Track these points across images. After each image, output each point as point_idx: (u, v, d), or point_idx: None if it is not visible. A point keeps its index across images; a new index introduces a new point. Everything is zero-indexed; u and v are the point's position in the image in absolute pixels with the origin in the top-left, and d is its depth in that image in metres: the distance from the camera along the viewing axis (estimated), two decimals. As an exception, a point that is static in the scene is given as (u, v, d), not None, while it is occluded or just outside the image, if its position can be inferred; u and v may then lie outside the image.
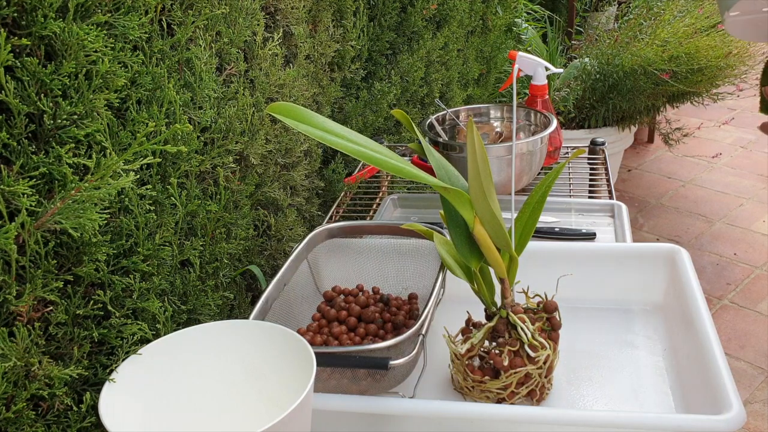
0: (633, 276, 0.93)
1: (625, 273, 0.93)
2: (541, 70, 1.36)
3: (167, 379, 0.68)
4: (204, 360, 0.70)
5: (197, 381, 0.70)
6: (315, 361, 0.63)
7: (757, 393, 1.83)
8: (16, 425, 0.59)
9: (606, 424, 0.66)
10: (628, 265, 0.93)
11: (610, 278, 0.93)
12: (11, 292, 0.58)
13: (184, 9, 0.82)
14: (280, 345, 0.68)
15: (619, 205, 1.19)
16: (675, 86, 2.39)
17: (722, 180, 2.95)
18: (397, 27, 1.52)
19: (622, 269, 0.93)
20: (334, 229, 0.95)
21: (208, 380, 0.70)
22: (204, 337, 0.70)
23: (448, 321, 0.82)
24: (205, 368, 0.70)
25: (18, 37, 0.58)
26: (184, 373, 0.69)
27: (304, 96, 1.15)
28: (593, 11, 3.40)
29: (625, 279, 0.93)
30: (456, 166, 0.80)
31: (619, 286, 0.93)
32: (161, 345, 0.69)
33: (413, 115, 1.68)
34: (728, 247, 2.48)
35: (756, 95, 2.69)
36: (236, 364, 0.70)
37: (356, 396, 0.73)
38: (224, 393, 0.70)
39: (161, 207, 0.79)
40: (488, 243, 0.72)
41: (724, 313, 2.14)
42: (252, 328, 0.70)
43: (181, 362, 0.69)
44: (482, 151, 0.67)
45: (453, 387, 0.82)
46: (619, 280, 0.93)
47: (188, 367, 0.70)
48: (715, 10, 2.46)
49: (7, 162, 0.58)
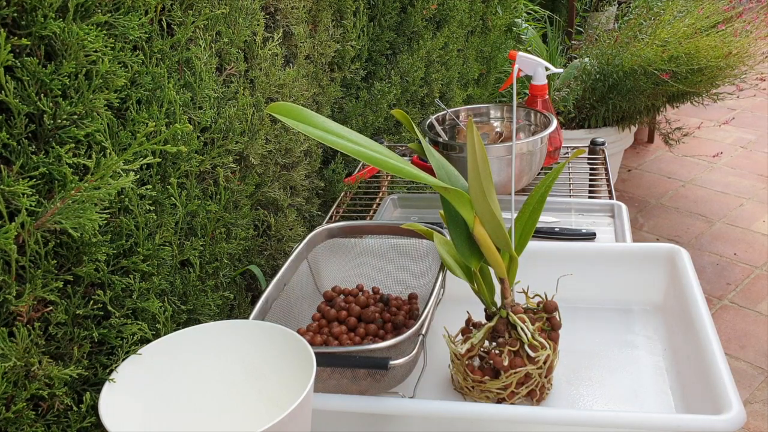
0: (633, 276, 0.93)
1: (625, 273, 0.93)
2: (541, 70, 1.36)
3: (167, 379, 0.68)
4: (204, 360, 0.70)
5: (197, 381, 0.70)
6: (315, 361, 0.63)
7: (757, 393, 1.83)
8: (16, 425, 0.59)
9: (606, 424, 0.66)
10: (628, 265, 0.93)
11: (610, 278, 0.93)
12: (11, 292, 0.58)
13: (184, 9, 0.82)
14: (280, 345, 0.68)
15: (619, 205, 1.19)
16: (675, 86, 2.39)
17: (722, 180, 2.95)
18: (397, 27, 1.52)
19: (622, 269, 0.93)
20: (334, 229, 0.95)
21: (208, 380, 0.70)
22: (204, 337, 0.70)
23: (448, 321, 0.82)
24: (205, 368, 0.70)
25: (18, 37, 0.58)
26: (184, 373, 0.69)
27: (304, 96, 1.15)
28: (593, 11, 3.40)
29: (625, 279, 0.93)
30: (456, 166, 0.80)
31: (619, 286, 0.93)
32: (161, 345, 0.69)
33: (413, 115, 1.68)
34: (728, 247, 2.48)
35: (756, 95, 2.69)
36: (236, 364, 0.70)
37: (356, 396, 0.73)
38: (224, 393, 0.70)
39: (161, 207, 0.79)
40: (488, 243, 0.72)
41: (724, 313, 2.14)
42: (252, 328, 0.70)
43: (181, 362, 0.69)
44: (482, 151, 0.67)
45: (453, 387, 0.82)
46: (619, 280, 0.93)
47: (188, 367, 0.70)
48: (715, 10, 2.46)
49: (7, 162, 0.58)
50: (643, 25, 2.53)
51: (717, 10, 2.47)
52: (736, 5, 2.57)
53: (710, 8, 2.47)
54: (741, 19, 2.50)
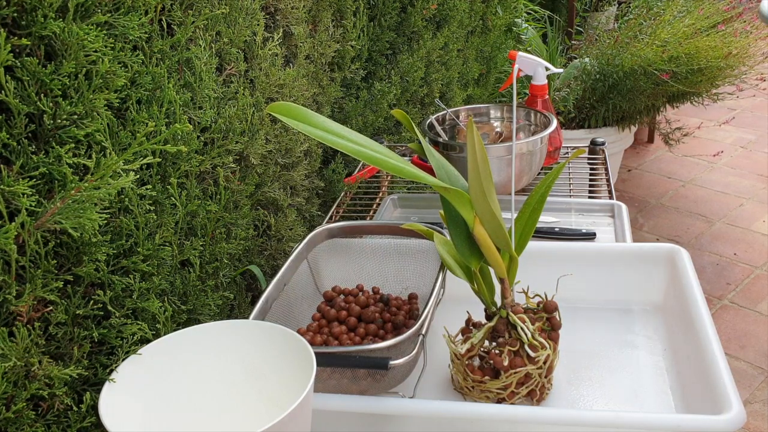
0: (633, 276, 0.93)
1: (625, 273, 0.93)
2: (541, 70, 1.36)
3: (167, 379, 0.68)
4: (204, 360, 0.70)
5: (197, 381, 0.70)
6: (315, 361, 0.63)
7: (757, 393, 1.83)
8: (16, 425, 0.59)
9: (606, 424, 0.66)
10: (628, 265, 0.93)
11: (610, 278, 0.93)
12: (11, 292, 0.58)
13: (184, 9, 0.82)
14: (280, 345, 0.68)
15: (619, 205, 1.19)
16: (675, 86, 2.39)
17: (722, 180, 2.95)
18: (397, 27, 1.52)
19: (622, 269, 0.93)
20: (334, 229, 0.95)
21: (209, 380, 0.70)
22: (204, 337, 0.70)
23: (448, 321, 0.82)
24: (205, 368, 0.70)
25: (18, 37, 0.58)
26: (184, 373, 0.69)
27: (304, 96, 1.15)
28: (593, 11, 3.40)
29: (625, 279, 0.93)
30: (456, 166, 0.79)
31: (619, 286, 0.93)
32: (161, 345, 0.69)
33: (413, 115, 1.68)
34: (728, 247, 2.48)
35: (756, 95, 2.69)
36: (236, 364, 0.70)
37: (356, 396, 0.73)
38: (224, 393, 0.70)
39: (161, 207, 0.79)
40: (488, 243, 0.72)
41: (724, 313, 2.14)
42: (252, 328, 0.70)
43: (181, 362, 0.69)
44: (482, 151, 0.67)
45: (453, 387, 0.82)
46: (619, 280, 0.93)
47: (188, 367, 0.70)
48: (715, 11, 2.46)
49: (7, 162, 0.58)
50: (643, 25, 2.53)
51: (717, 10, 2.47)
52: (736, 5, 2.57)
53: (710, 8, 2.47)
54: (741, 20, 2.50)
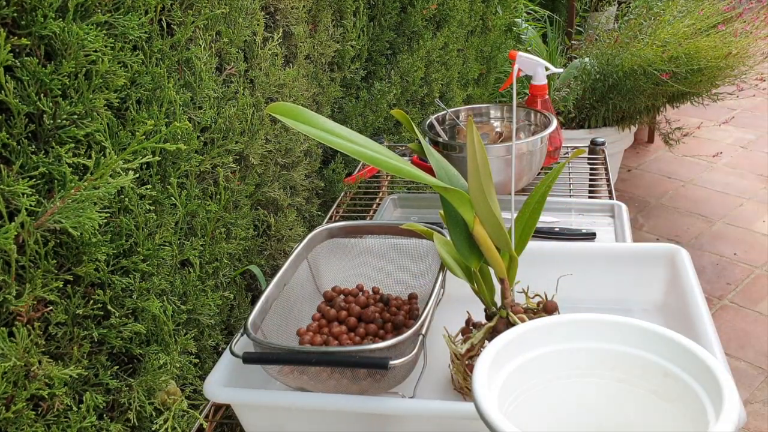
0: (633, 276, 0.93)
1: (625, 273, 0.93)
2: (541, 70, 1.36)
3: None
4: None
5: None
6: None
7: (757, 393, 1.83)
8: (16, 425, 0.59)
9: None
10: (628, 265, 0.93)
11: (610, 278, 0.93)
12: (11, 292, 0.58)
13: (184, 9, 0.82)
14: None
15: (619, 205, 1.19)
16: (675, 86, 2.39)
17: (722, 180, 2.95)
18: (397, 27, 1.52)
19: (623, 269, 0.93)
20: (334, 229, 0.95)
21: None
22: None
23: (448, 321, 0.82)
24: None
25: (18, 36, 0.58)
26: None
27: (304, 96, 1.15)
28: (593, 11, 3.40)
29: (626, 279, 0.93)
30: (456, 166, 0.79)
31: (619, 286, 0.93)
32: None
33: (413, 115, 1.68)
34: (728, 247, 2.48)
35: (756, 95, 2.69)
36: None
37: (356, 396, 0.72)
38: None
39: (161, 207, 0.79)
40: (488, 243, 0.72)
41: (724, 313, 2.14)
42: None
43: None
44: (482, 151, 0.67)
45: (453, 387, 0.81)
46: (619, 280, 0.93)
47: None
48: (715, 11, 2.46)
49: (7, 162, 0.58)
50: (643, 25, 2.53)
51: (717, 10, 2.47)
52: (736, 6, 2.58)
53: (710, 9, 2.47)
54: (741, 20, 2.50)
